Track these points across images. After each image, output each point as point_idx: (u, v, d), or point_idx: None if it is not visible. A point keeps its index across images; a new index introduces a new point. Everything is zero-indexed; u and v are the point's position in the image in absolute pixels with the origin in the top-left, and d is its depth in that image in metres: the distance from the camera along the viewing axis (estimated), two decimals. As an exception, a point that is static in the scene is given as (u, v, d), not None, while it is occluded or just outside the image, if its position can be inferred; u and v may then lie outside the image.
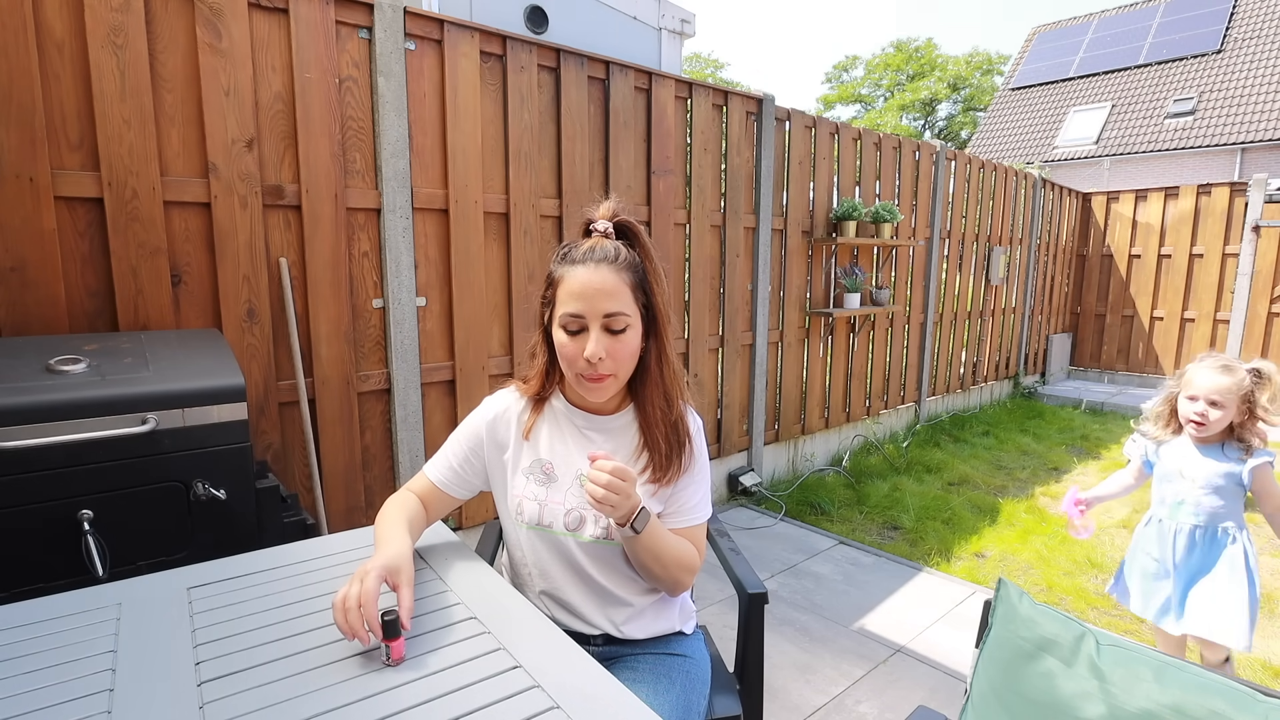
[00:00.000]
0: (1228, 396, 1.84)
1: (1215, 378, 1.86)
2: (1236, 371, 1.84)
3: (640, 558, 1.12)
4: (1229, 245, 6.53)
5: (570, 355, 1.10)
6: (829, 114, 25.82)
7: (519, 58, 2.65)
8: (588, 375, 1.11)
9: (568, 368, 1.13)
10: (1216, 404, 1.85)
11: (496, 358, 2.72)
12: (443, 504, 1.24)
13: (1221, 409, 1.85)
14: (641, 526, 1.07)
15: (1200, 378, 1.88)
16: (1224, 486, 1.90)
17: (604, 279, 1.08)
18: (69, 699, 0.79)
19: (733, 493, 3.88)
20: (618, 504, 1.03)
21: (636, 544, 1.10)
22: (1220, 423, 1.87)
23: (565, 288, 1.10)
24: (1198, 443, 1.95)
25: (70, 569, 1.27)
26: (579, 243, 1.14)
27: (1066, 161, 14.60)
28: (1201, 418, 1.87)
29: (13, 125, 1.69)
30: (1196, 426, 1.89)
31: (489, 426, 1.23)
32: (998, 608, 1.09)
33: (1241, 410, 1.85)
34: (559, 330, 1.11)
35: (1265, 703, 0.82)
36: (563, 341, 1.11)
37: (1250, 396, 1.84)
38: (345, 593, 0.90)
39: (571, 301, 1.09)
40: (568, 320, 1.10)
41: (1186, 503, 1.94)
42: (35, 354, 1.43)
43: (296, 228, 2.18)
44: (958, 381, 5.93)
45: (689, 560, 1.17)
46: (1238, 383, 1.83)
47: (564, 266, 1.12)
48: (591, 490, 1.02)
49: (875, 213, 4.28)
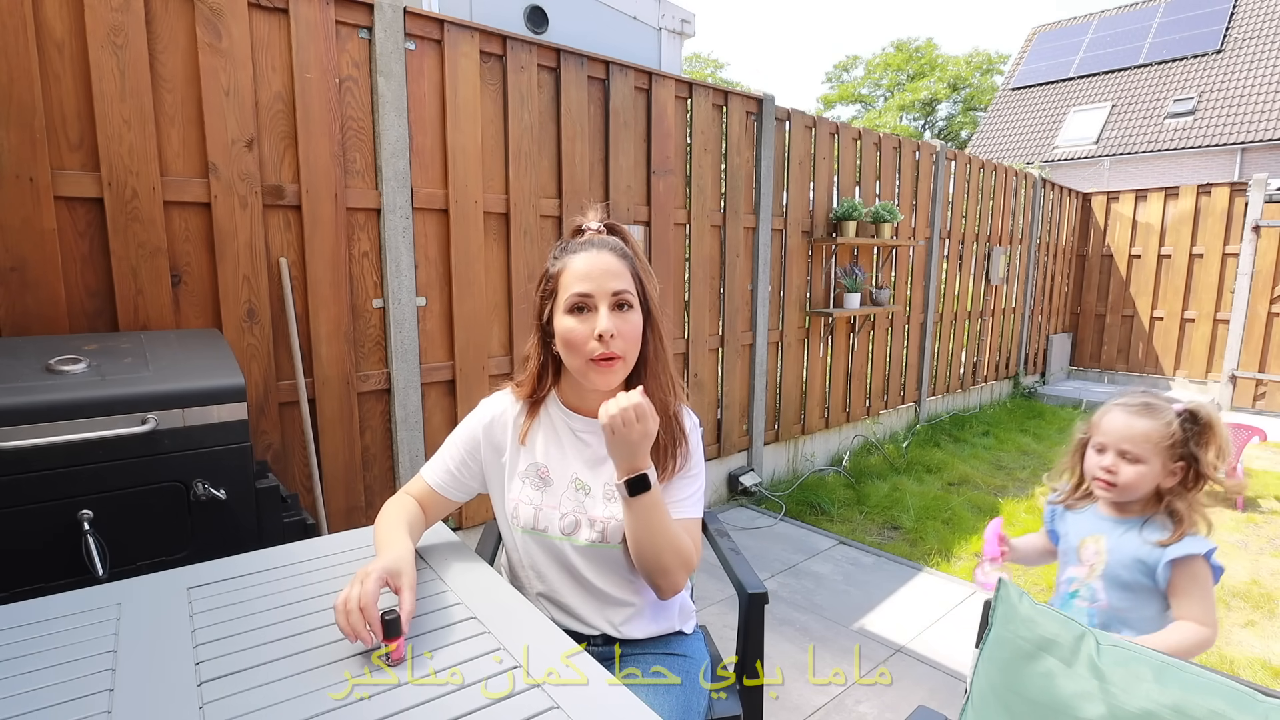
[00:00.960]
0: (1146, 447, 1.34)
1: (1130, 421, 1.36)
2: (1161, 414, 1.34)
3: (637, 534, 1.08)
4: (1229, 245, 6.53)
5: (579, 339, 1.09)
6: (829, 114, 25.82)
7: (519, 58, 2.65)
8: (599, 357, 1.09)
9: (576, 354, 1.11)
10: (1129, 456, 1.35)
11: (496, 358, 2.72)
12: (440, 507, 1.24)
13: (1138, 464, 1.34)
14: (638, 490, 1.05)
15: (1110, 420, 1.39)
16: (1131, 581, 1.35)
17: (608, 261, 1.11)
18: (69, 699, 0.79)
19: (733, 493, 3.88)
20: (626, 435, 1.02)
21: (636, 514, 1.07)
22: (1138, 484, 1.35)
23: (570, 272, 1.11)
24: (1112, 512, 1.43)
25: (70, 569, 1.27)
26: (575, 236, 1.17)
27: (1066, 161, 14.59)
28: (1109, 474, 1.37)
29: (13, 125, 1.69)
30: (1104, 487, 1.39)
31: (485, 429, 1.22)
32: (998, 608, 1.09)
33: (1171, 469, 1.34)
34: (565, 317, 1.11)
35: (1265, 703, 0.82)
36: (570, 326, 1.10)
37: (1183, 450, 1.33)
38: (346, 594, 0.90)
39: (578, 283, 1.10)
40: (576, 300, 1.10)
41: (1081, 595, 1.42)
42: (35, 354, 1.43)
43: (296, 228, 2.18)
44: (958, 381, 5.93)
45: (685, 552, 1.12)
46: (1161, 429, 1.33)
47: (565, 256, 1.14)
48: (606, 408, 1.02)
49: (875, 213, 4.28)
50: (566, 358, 1.14)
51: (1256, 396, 6.40)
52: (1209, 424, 1.33)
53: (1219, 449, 1.32)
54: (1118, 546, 1.38)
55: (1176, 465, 1.34)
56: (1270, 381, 6.29)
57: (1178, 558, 1.29)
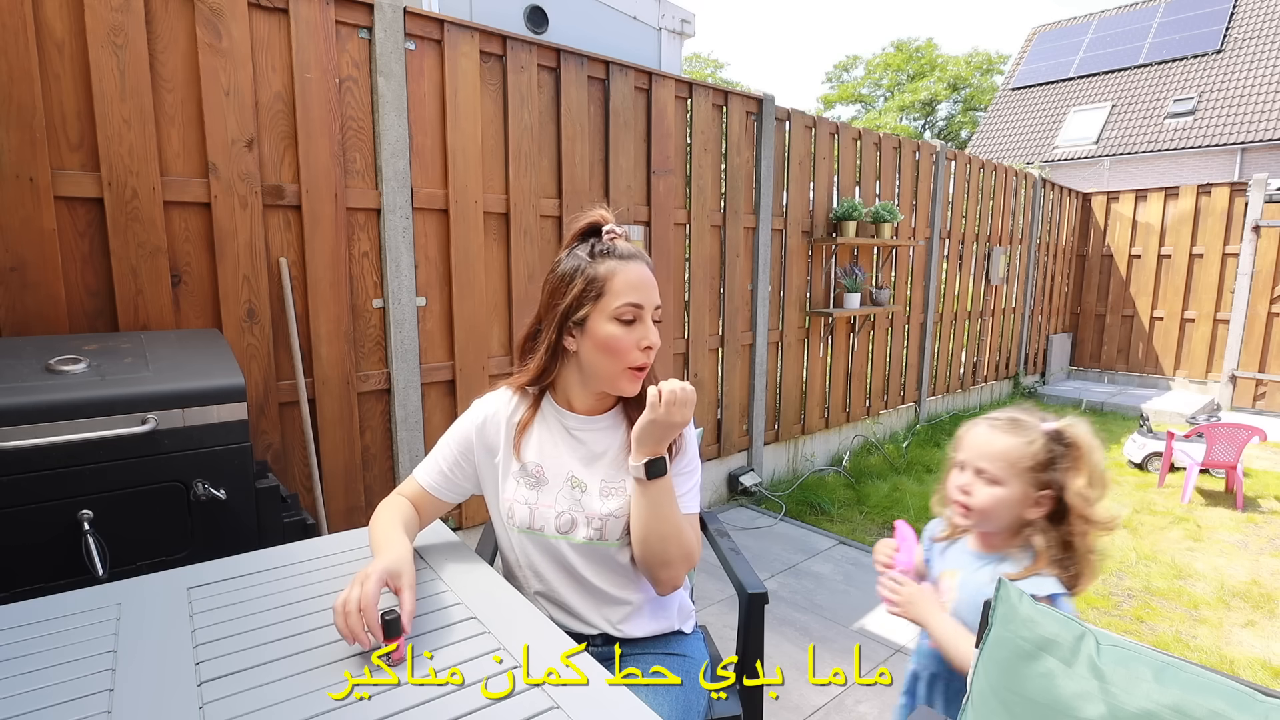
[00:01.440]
0: (1003, 467, 1.16)
1: (990, 436, 1.20)
2: (1025, 431, 1.17)
3: (647, 521, 1.10)
4: (1229, 245, 6.53)
5: (625, 346, 1.11)
6: (829, 114, 25.84)
7: (519, 58, 2.65)
8: (638, 365, 1.13)
9: (615, 361, 1.12)
10: (986, 476, 1.18)
11: (496, 358, 2.72)
12: (434, 508, 1.24)
13: (995, 486, 1.17)
14: (657, 473, 1.09)
15: (972, 435, 1.23)
16: (975, 626, 1.10)
17: (649, 275, 1.14)
18: (69, 699, 0.79)
19: (733, 493, 3.88)
20: (668, 417, 1.06)
21: (650, 498, 1.10)
22: (994, 510, 1.17)
23: (621, 279, 1.11)
24: (977, 546, 1.24)
25: (70, 569, 1.27)
26: (612, 241, 1.15)
27: (1066, 161, 14.59)
28: (964, 494, 1.20)
29: (13, 125, 1.69)
30: (961, 512, 1.21)
31: (479, 430, 1.22)
32: (997, 608, 1.09)
33: (1035, 497, 1.15)
34: (611, 323, 1.11)
35: (1265, 703, 0.82)
36: (616, 334, 1.11)
37: (1047, 475, 1.14)
38: (346, 596, 0.90)
39: (632, 293, 1.11)
40: (626, 310, 1.10)
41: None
42: (35, 354, 1.43)
43: (296, 228, 2.18)
44: (958, 381, 5.93)
45: (689, 544, 1.14)
46: (1021, 447, 1.16)
47: (609, 261, 1.12)
48: (664, 385, 1.06)
49: (875, 213, 4.28)
50: (599, 361, 1.13)
51: (1256, 396, 6.40)
52: (1075, 446, 1.14)
53: (1091, 477, 1.13)
54: (968, 584, 1.19)
55: (1042, 494, 1.15)
56: (1270, 381, 6.29)
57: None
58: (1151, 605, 2.82)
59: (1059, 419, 1.17)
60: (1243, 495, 3.93)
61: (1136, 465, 4.60)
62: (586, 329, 1.12)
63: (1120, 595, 2.91)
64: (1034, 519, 1.16)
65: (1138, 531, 3.57)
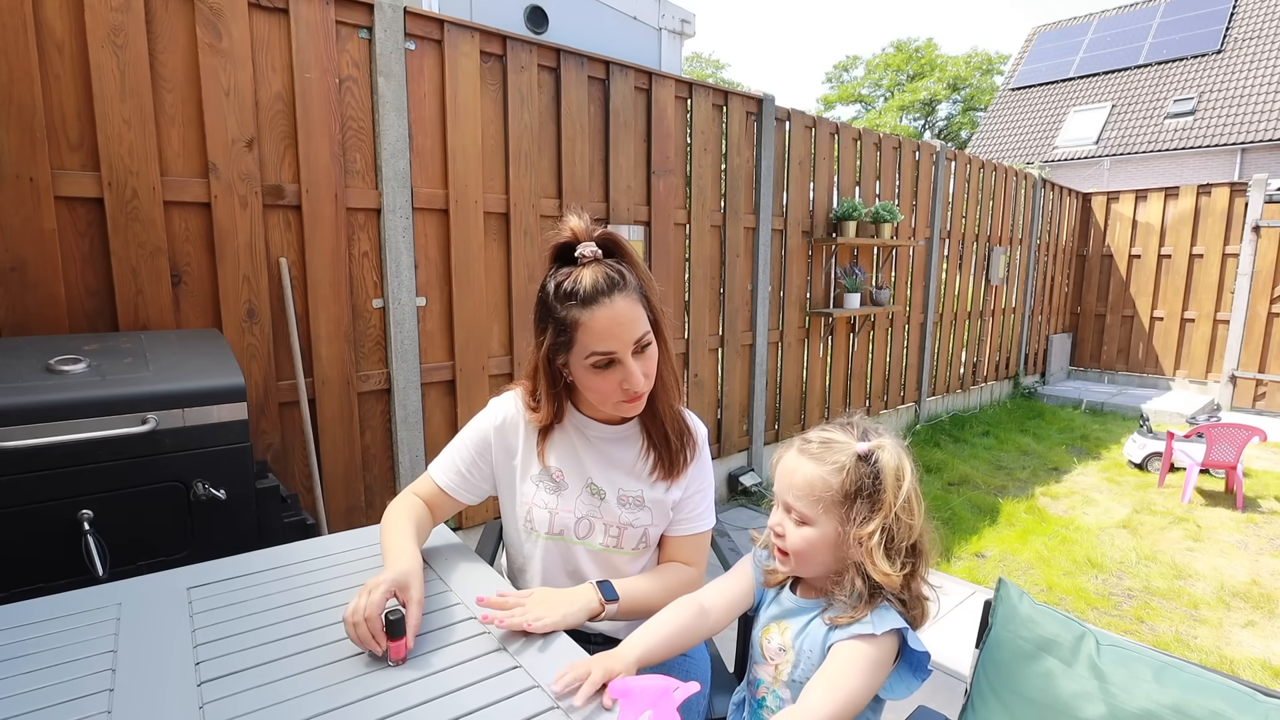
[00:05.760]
0: (809, 503, 0.95)
1: (796, 465, 0.98)
2: (834, 455, 0.95)
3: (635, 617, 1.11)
4: (1229, 245, 6.53)
5: (606, 390, 1.08)
6: (829, 114, 25.81)
7: (519, 58, 2.65)
8: (628, 399, 1.09)
9: (603, 401, 1.10)
10: (794, 514, 0.97)
11: (496, 358, 2.72)
12: (448, 508, 1.23)
13: (806, 526, 0.96)
14: (611, 595, 1.08)
15: (781, 464, 1.02)
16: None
17: (624, 311, 1.04)
18: (69, 699, 0.79)
19: (733, 493, 3.88)
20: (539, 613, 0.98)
21: (623, 614, 1.10)
22: (809, 554, 0.97)
23: (588, 331, 1.03)
24: (804, 591, 1.04)
25: (70, 569, 1.27)
26: (576, 277, 1.03)
27: (1066, 162, 14.59)
28: (776, 538, 1.00)
29: (13, 125, 1.69)
30: (779, 557, 1.01)
31: (498, 430, 1.21)
32: (998, 608, 1.09)
33: (846, 534, 0.94)
34: (586, 371, 1.07)
35: (1265, 703, 0.82)
36: (594, 383, 1.08)
37: (859, 506, 0.94)
38: (355, 605, 0.90)
39: (600, 343, 1.04)
40: (598, 359, 1.05)
41: (768, 706, 1.03)
42: (35, 354, 1.43)
43: (296, 228, 2.18)
44: (958, 381, 5.93)
45: (686, 588, 1.15)
46: (827, 477, 0.94)
47: (575, 309, 1.03)
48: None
49: (875, 213, 4.28)
50: (590, 395, 1.12)
51: (1256, 396, 6.40)
52: (887, 469, 0.93)
53: (907, 506, 0.93)
54: (806, 636, 0.98)
55: (861, 531, 0.93)
56: (1270, 381, 6.29)
57: (841, 640, 0.92)
58: (1151, 605, 2.82)
59: (875, 436, 0.97)
60: (1243, 495, 3.92)
61: (1136, 465, 4.60)
62: (570, 368, 1.10)
63: (1120, 595, 2.91)
64: (858, 561, 0.94)
65: (1138, 532, 3.57)
